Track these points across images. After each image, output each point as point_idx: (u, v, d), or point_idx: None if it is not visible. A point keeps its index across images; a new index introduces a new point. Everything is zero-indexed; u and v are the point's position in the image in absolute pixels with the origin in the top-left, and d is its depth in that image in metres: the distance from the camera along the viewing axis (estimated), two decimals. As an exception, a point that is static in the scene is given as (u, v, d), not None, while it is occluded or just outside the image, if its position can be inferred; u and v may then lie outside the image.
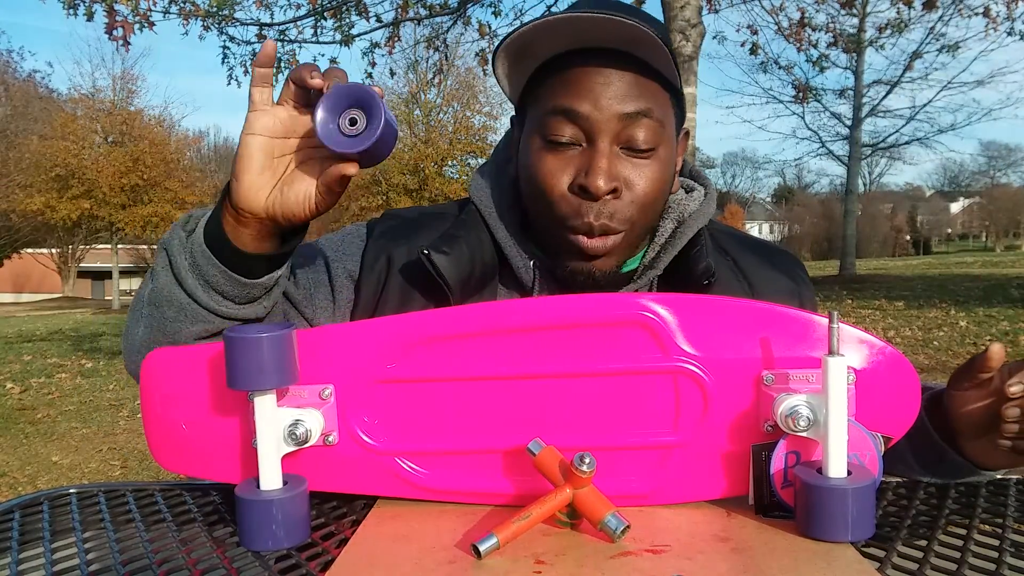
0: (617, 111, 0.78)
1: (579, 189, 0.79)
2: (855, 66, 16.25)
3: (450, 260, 0.84)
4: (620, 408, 0.69)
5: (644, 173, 0.80)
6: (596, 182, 0.77)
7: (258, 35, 7.30)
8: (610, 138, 0.78)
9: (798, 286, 0.92)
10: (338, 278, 0.90)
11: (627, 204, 0.80)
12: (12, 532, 0.72)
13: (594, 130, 0.78)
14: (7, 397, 6.56)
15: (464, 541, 0.63)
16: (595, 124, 0.78)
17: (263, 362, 0.63)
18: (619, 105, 0.78)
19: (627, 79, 0.78)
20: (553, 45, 0.80)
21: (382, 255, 0.90)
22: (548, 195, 0.81)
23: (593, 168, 0.78)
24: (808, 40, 9.35)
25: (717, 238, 0.93)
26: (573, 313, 0.69)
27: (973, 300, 9.68)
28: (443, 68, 9.40)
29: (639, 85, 0.78)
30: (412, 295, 0.88)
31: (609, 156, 0.78)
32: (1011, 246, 48.19)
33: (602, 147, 0.78)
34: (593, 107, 0.78)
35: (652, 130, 0.79)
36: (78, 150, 19.27)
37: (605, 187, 0.77)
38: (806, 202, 54.41)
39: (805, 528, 0.62)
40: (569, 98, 0.79)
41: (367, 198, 21.22)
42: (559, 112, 0.79)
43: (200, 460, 0.74)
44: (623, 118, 0.78)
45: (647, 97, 0.79)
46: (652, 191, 0.81)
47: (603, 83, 0.78)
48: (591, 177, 0.77)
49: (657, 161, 0.81)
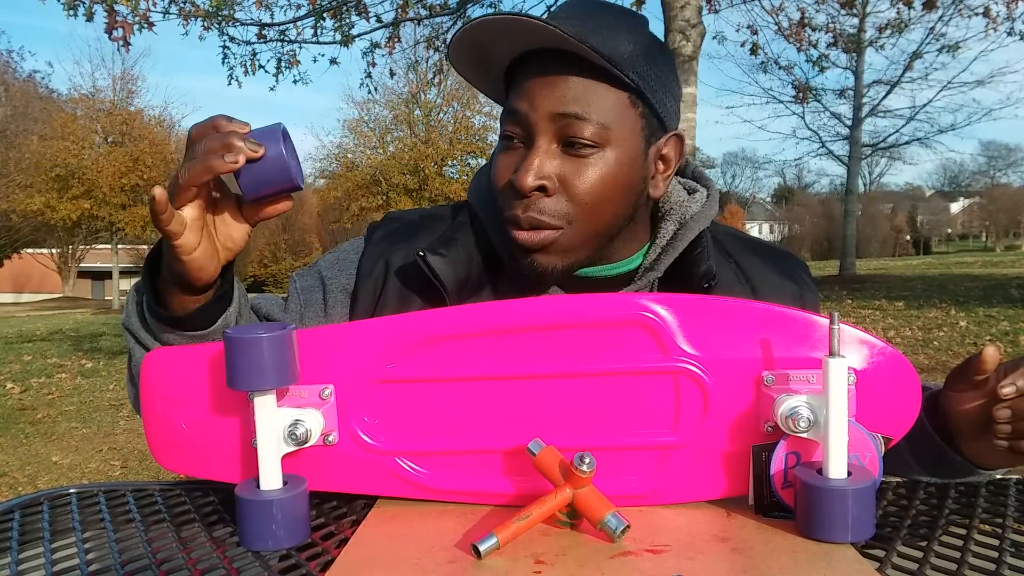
0: (550, 110, 0.79)
1: (509, 185, 0.82)
2: (855, 66, 16.24)
3: (446, 262, 0.85)
4: (620, 408, 0.69)
5: (583, 173, 0.80)
6: (522, 178, 0.79)
7: (258, 35, 7.31)
8: (547, 137, 0.80)
9: (801, 289, 0.92)
10: (332, 294, 0.93)
11: (561, 201, 0.81)
12: (12, 532, 0.72)
13: (532, 129, 0.81)
14: (7, 397, 6.56)
15: (464, 541, 0.63)
16: (532, 123, 0.80)
17: (263, 362, 0.63)
18: (554, 104, 0.79)
19: (569, 80, 0.79)
20: (506, 50, 0.82)
21: (380, 260, 0.91)
22: (495, 189, 0.85)
23: (522, 165, 0.80)
24: (808, 40, 9.36)
25: (720, 240, 0.93)
26: (573, 313, 0.69)
27: (973, 300, 9.68)
28: (443, 68, 9.41)
29: (581, 85, 0.79)
30: (410, 298, 0.88)
31: (543, 154, 0.80)
32: (1011, 246, 48.19)
33: (538, 144, 0.80)
34: (530, 107, 0.80)
35: (591, 131, 0.80)
36: (78, 150, 19.27)
37: (530, 183, 0.79)
38: (806, 202, 54.44)
39: (805, 528, 0.62)
40: (516, 99, 0.82)
41: (367, 198, 21.20)
42: (508, 112, 0.83)
43: (200, 460, 0.74)
44: (557, 117, 0.79)
45: (589, 97, 0.80)
46: (592, 191, 0.81)
47: (542, 83, 0.80)
48: (518, 173, 0.80)
49: (601, 162, 0.81)
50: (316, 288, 0.94)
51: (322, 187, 25.46)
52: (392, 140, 22.23)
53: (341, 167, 21.80)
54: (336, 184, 21.79)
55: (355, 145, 22.28)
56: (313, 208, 36.49)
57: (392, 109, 22.16)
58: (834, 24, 10.78)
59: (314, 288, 0.94)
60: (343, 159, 21.99)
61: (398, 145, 21.94)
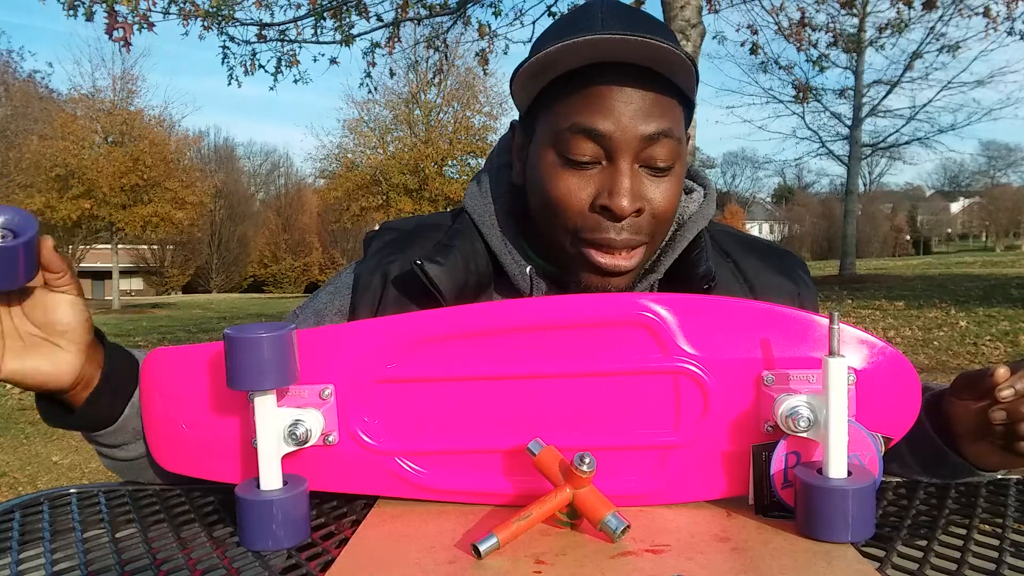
0: (639, 132, 0.77)
1: (602, 209, 0.78)
2: (855, 66, 16.23)
3: (443, 270, 0.83)
4: (620, 408, 0.69)
5: (663, 190, 0.80)
6: (621, 203, 0.76)
7: (258, 35, 7.31)
8: (631, 157, 0.78)
9: (798, 287, 0.92)
10: (327, 317, 0.90)
11: (647, 221, 0.80)
12: (12, 532, 0.72)
13: (616, 150, 0.77)
14: (7, 397, 6.56)
15: (464, 541, 0.63)
16: (617, 144, 0.77)
17: (263, 362, 0.63)
18: (642, 125, 0.77)
19: (648, 97, 0.77)
20: (571, 62, 0.78)
21: (377, 272, 0.89)
22: (566, 212, 0.80)
23: (617, 189, 0.77)
24: (808, 40, 9.36)
25: (718, 239, 0.93)
26: (573, 313, 0.69)
27: (973, 300, 9.68)
28: (443, 68, 9.41)
29: (659, 104, 0.77)
30: (407, 307, 0.86)
31: (632, 176, 0.78)
32: (1011, 246, 48.18)
33: (623, 167, 0.77)
34: (616, 127, 0.76)
35: (671, 148, 0.78)
36: (78, 150, 19.26)
37: (630, 207, 0.77)
38: (806, 202, 54.44)
39: (805, 528, 0.62)
40: (591, 117, 0.77)
41: (367, 198, 21.19)
42: (579, 130, 0.78)
43: (200, 460, 0.74)
44: (645, 139, 0.77)
45: (667, 116, 0.78)
46: (670, 207, 0.81)
47: (624, 102, 0.77)
48: (615, 199, 0.77)
49: (674, 177, 0.81)
50: (310, 318, 0.91)
51: (322, 187, 25.48)
52: (392, 140, 22.24)
53: (341, 167, 21.80)
54: (336, 184, 21.79)
55: (355, 145, 22.30)
56: (313, 208, 36.55)
57: (392, 109, 22.17)
58: (834, 24, 10.79)
59: (307, 322, 0.91)
60: (343, 159, 22.00)
61: (398, 145, 21.95)
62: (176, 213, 20.02)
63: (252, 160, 46.23)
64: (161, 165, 20.03)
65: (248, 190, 43.30)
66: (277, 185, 45.57)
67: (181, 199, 20.23)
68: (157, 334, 11.21)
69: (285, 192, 43.24)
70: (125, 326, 13.06)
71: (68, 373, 0.73)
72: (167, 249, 34.40)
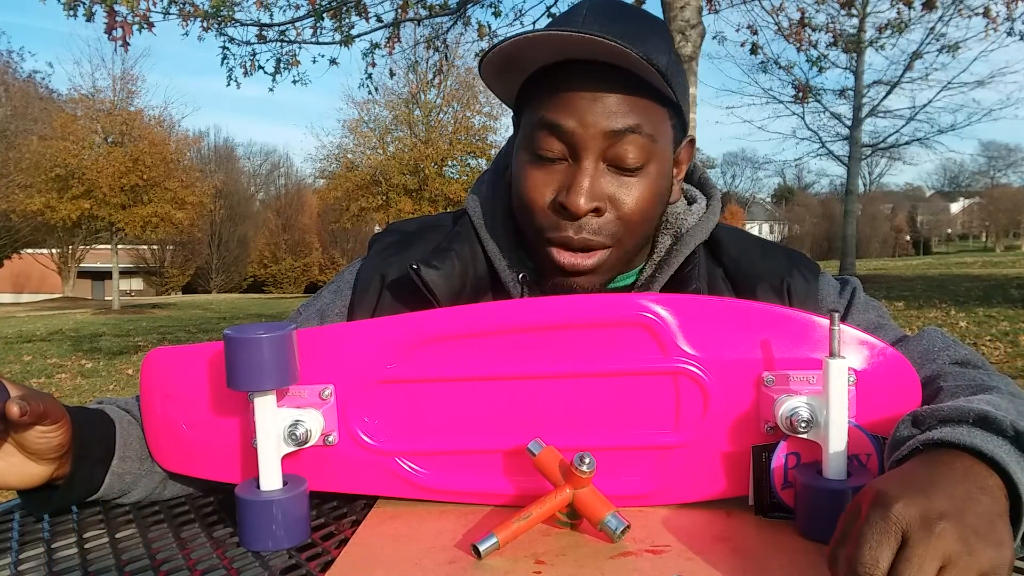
0: (603, 128, 0.75)
1: (559, 207, 0.77)
2: (855, 66, 16.23)
3: (440, 275, 0.82)
4: (620, 408, 0.69)
5: (631, 191, 0.78)
6: (576, 201, 0.75)
7: (258, 35, 7.31)
8: (595, 155, 0.77)
9: (791, 277, 0.86)
10: (330, 317, 0.90)
11: (611, 221, 0.78)
12: (12, 532, 0.72)
13: (579, 146, 0.76)
14: (7, 397, 6.54)
15: (464, 541, 0.63)
16: (580, 141, 0.76)
17: (263, 362, 0.63)
18: (605, 122, 0.75)
19: (616, 95, 0.76)
20: (539, 57, 0.78)
21: (376, 275, 0.88)
22: (531, 208, 0.80)
23: (574, 186, 0.76)
24: (808, 40, 9.35)
25: (714, 248, 0.89)
26: (573, 313, 0.69)
27: (973, 300, 9.67)
28: (443, 68, 9.40)
29: (629, 102, 0.76)
30: (404, 310, 0.84)
31: (593, 174, 0.76)
32: (1011, 246, 48.19)
33: (586, 165, 0.76)
34: (578, 123, 0.76)
35: (640, 147, 0.77)
36: (78, 150, 19.24)
37: (585, 206, 0.76)
38: (806, 202, 54.41)
39: (805, 528, 0.62)
40: (556, 112, 0.77)
41: (367, 198, 21.19)
42: (545, 126, 0.77)
43: (200, 460, 0.74)
44: (609, 135, 0.76)
45: (636, 113, 0.76)
46: (640, 208, 0.79)
47: (590, 99, 0.76)
48: (571, 196, 0.76)
49: (646, 178, 0.78)
50: (313, 318, 0.90)
51: (322, 187, 25.46)
52: (392, 140, 22.23)
53: (341, 167, 21.80)
54: (336, 184, 21.78)
55: (355, 145, 22.29)
56: (313, 208, 36.53)
57: (392, 109, 22.16)
58: (834, 24, 10.78)
59: (310, 320, 0.91)
60: (343, 159, 22.00)
61: (398, 145, 21.94)
62: (176, 213, 19.99)
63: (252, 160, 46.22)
64: (161, 165, 20.01)
65: (248, 190, 43.28)
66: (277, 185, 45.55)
67: (181, 199, 20.21)
68: (157, 334, 11.21)
69: (285, 192, 43.21)
70: (125, 326, 13.06)
71: (35, 480, 0.70)
72: (167, 249, 34.39)
